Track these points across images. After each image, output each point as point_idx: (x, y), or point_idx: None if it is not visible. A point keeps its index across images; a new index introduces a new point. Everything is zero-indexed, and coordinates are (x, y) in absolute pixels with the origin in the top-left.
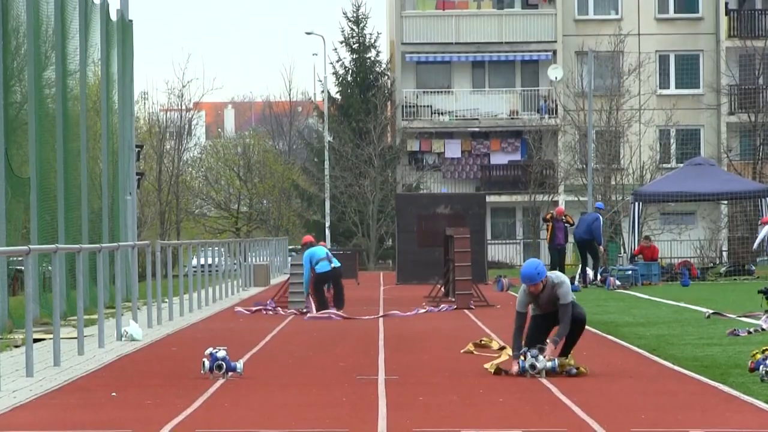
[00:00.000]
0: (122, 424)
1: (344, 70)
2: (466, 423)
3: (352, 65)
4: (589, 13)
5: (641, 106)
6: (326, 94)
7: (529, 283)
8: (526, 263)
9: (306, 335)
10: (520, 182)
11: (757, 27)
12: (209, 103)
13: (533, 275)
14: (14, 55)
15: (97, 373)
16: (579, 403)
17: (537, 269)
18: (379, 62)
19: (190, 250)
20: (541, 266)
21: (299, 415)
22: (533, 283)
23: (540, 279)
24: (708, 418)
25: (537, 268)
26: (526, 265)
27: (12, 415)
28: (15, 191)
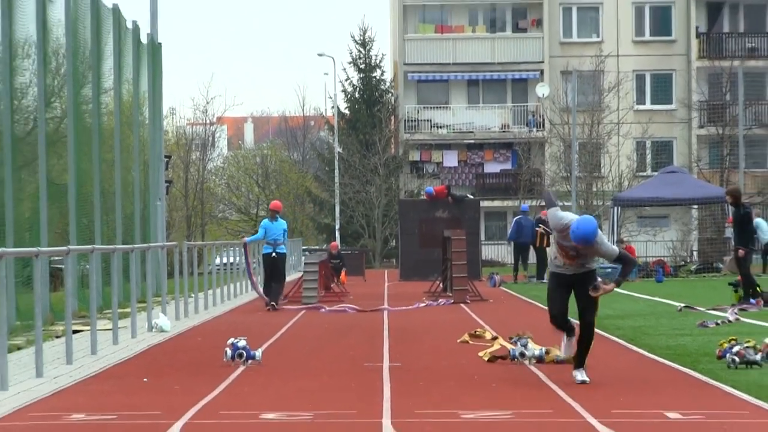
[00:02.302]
0: (152, 408)
1: (352, 88)
2: (463, 405)
3: (359, 83)
4: (573, 36)
5: (620, 120)
6: (336, 110)
7: (584, 244)
8: (584, 220)
9: (318, 327)
10: (511, 189)
11: (724, 49)
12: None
13: (591, 240)
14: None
15: (129, 361)
16: (564, 387)
17: (595, 230)
18: (383, 81)
19: (213, 251)
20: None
21: (312, 398)
22: (588, 245)
23: (592, 242)
24: (680, 401)
25: (595, 231)
26: (585, 224)
27: (54, 399)
28: (52, 197)
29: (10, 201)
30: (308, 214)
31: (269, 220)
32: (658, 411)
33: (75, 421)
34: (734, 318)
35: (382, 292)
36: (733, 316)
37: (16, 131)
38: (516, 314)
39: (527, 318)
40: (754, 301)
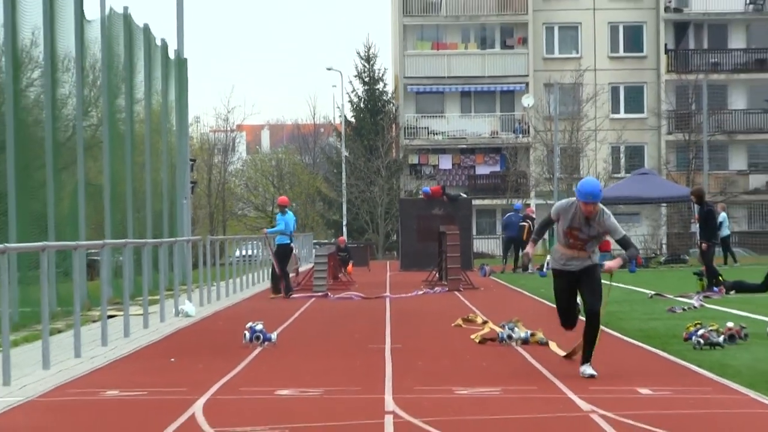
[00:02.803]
0: (179, 385)
1: (357, 99)
2: (457, 382)
3: (364, 95)
4: (554, 53)
5: (597, 127)
6: (343, 118)
7: (591, 200)
8: (587, 181)
9: (327, 313)
10: (500, 189)
11: (690, 63)
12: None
13: (597, 192)
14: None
15: (158, 343)
16: (547, 366)
17: (599, 187)
18: (385, 92)
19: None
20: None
21: (322, 376)
22: (595, 200)
23: (600, 198)
24: (651, 379)
25: (599, 186)
26: (589, 182)
27: (90, 377)
28: (89, 196)
29: (51, 199)
30: (318, 212)
31: (281, 214)
32: (631, 387)
33: (109, 397)
34: (699, 304)
35: (384, 281)
36: (698, 302)
37: (57, 137)
38: (504, 301)
39: (514, 304)
40: (716, 289)
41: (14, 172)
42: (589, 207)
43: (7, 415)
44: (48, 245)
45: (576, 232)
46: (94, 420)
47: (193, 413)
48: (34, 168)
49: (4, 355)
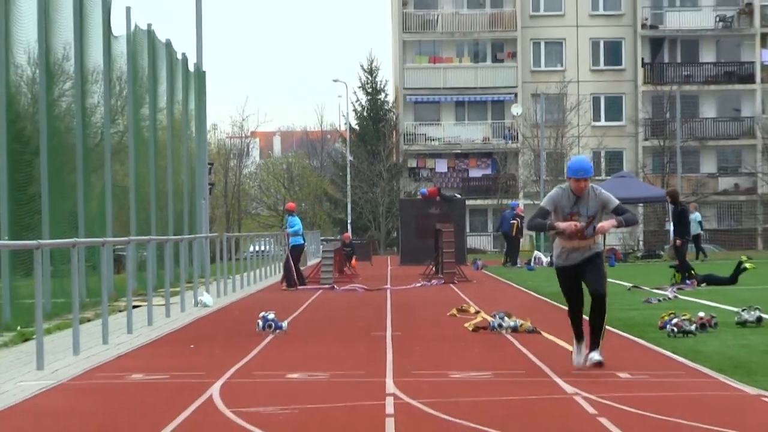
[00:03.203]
0: (198, 369)
1: (361, 108)
2: (451, 366)
3: (367, 104)
4: (541, 66)
5: (579, 134)
6: (348, 126)
7: (582, 175)
8: (576, 158)
9: (333, 303)
10: (491, 190)
11: (664, 76)
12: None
13: (588, 167)
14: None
15: (179, 330)
16: (534, 352)
17: (590, 163)
18: (387, 102)
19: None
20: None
21: (328, 361)
22: (586, 176)
23: (590, 174)
24: (629, 364)
25: (589, 162)
26: (578, 159)
27: (117, 362)
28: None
29: (81, 200)
30: (325, 211)
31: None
32: (612, 372)
33: (134, 380)
34: (673, 296)
35: (385, 274)
36: (672, 294)
37: (86, 143)
38: (494, 292)
39: (503, 295)
40: (689, 282)
41: (47, 174)
42: (581, 183)
43: (41, 396)
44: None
45: (575, 217)
46: (120, 401)
47: (210, 395)
48: (65, 171)
49: (38, 342)
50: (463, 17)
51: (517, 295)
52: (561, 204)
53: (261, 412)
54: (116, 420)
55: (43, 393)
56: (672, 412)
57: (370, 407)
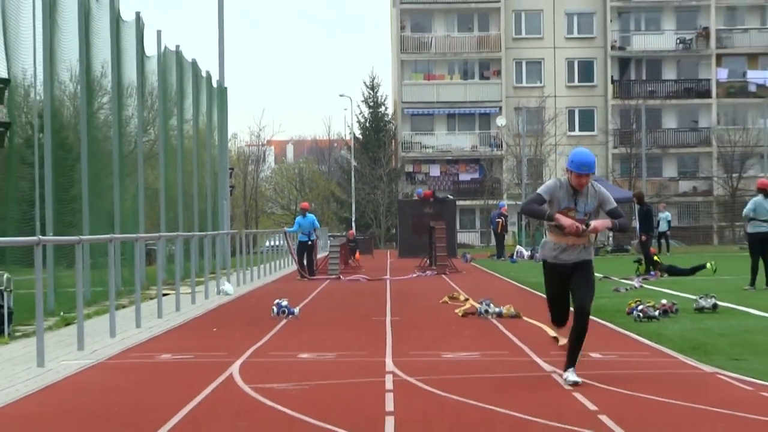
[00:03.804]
0: (220, 349)
1: (364, 119)
2: (444, 348)
3: (369, 116)
4: (522, 82)
5: (556, 142)
6: (352, 135)
7: (585, 171)
8: (580, 150)
9: (339, 291)
10: (478, 192)
11: (631, 91)
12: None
13: (591, 162)
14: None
15: (203, 316)
16: (517, 335)
17: (594, 157)
18: (386, 114)
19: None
20: None
21: (335, 343)
22: (589, 171)
23: (594, 170)
24: (600, 345)
25: (593, 156)
26: (582, 151)
27: (148, 343)
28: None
29: (117, 200)
30: (332, 210)
31: (301, 216)
32: (585, 352)
33: (163, 359)
34: (639, 285)
35: (385, 266)
36: (638, 283)
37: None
38: (481, 282)
39: (489, 285)
40: (653, 273)
41: (87, 178)
42: (582, 179)
43: (82, 374)
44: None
45: (572, 212)
46: (151, 378)
47: (231, 373)
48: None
49: (79, 325)
50: (454, 40)
51: (501, 284)
52: (558, 196)
53: (275, 388)
54: (147, 395)
55: (83, 371)
56: (638, 388)
57: (372, 384)
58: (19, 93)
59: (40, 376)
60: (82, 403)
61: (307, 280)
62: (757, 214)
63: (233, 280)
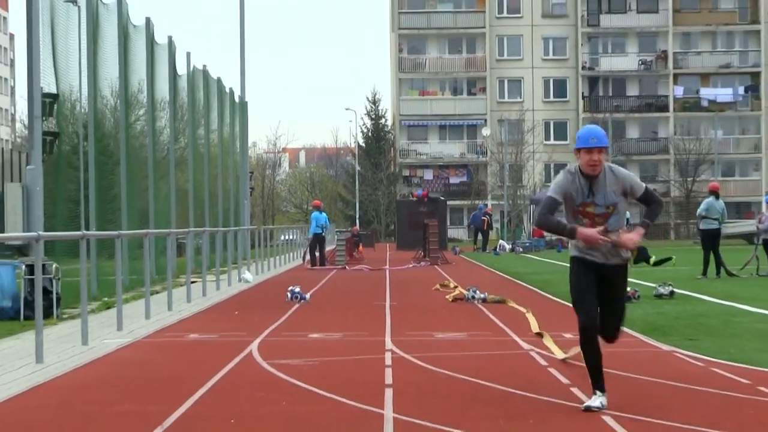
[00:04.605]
0: (241, 330)
1: (366, 130)
2: (435, 328)
3: (371, 127)
4: (505, 98)
5: (534, 150)
6: (357, 144)
7: (595, 144)
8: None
9: (345, 280)
10: (466, 193)
11: (599, 106)
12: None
13: (601, 134)
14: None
15: (227, 300)
16: (499, 317)
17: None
18: (386, 125)
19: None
20: None
21: (341, 324)
22: (600, 144)
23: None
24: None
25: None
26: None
27: (178, 324)
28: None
29: (152, 200)
30: (339, 209)
31: (318, 212)
32: (559, 333)
33: (192, 339)
34: None
35: (385, 257)
36: None
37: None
38: (469, 272)
39: (476, 274)
40: None
41: (126, 180)
42: (594, 155)
43: (121, 351)
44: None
45: (590, 207)
46: (181, 355)
47: (250, 350)
48: (139, 178)
49: (118, 309)
50: (445, 60)
51: (486, 274)
52: (570, 192)
53: (289, 363)
54: (178, 369)
55: (122, 348)
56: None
57: (373, 360)
58: (66, 106)
59: (85, 353)
60: (120, 375)
61: (317, 269)
62: (708, 213)
63: (252, 269)
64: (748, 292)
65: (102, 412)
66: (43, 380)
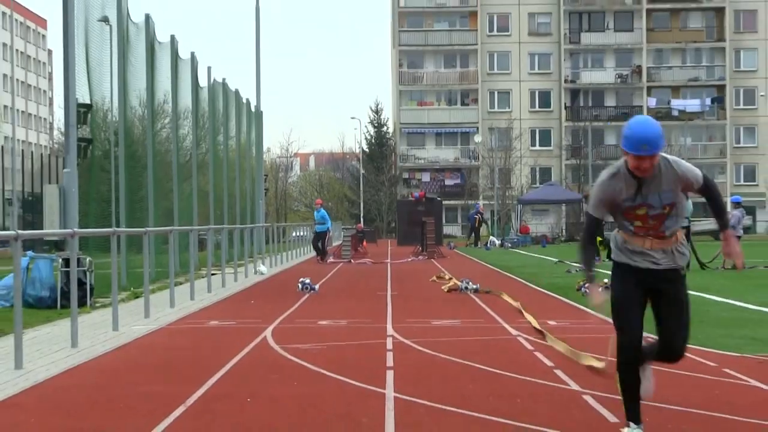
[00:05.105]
0: (256, 317)
1: (370, 137)
2: (433, 316)
3: (374, 134)
4: (495, 108)
5: (521, 155)
6: (361, 149)
7: (647, 151)
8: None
9: (350, 272)
10: (460, 194)
11: (580, 115)
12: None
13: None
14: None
15: (244, 291)
16: (490, 306)
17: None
18: (388, 132)
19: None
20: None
21: (347, 312)
22: (652, 152)
23: (661, 147)
24: (556, 314)
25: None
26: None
27: (200, 312)
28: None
29: (176, 200)
30: (345, 208)
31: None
32: (544, 320)
33: (212, 325)
34: None
35: (386, 252)
36: None
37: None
38: (463, 265)
39: (468, 267)
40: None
41: (152, 182)
42: (645, 162)
43: (148, 337)
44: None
45: (641, 210)
46: (203, 339)
47: (265, 336)
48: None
49: (146, 298)
50: (441, 74)
51: (478, 267)
52: (616, 196)
53: (300, 347)
54: (200, 352)
55: (149, 334)
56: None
57: (376, 344)
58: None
59: (115, 338)
60: (148, 358)
61: (325, 263)
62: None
63: (267, 262)
64: (715, 284)
65: (131, 392)
66: (77, 363)
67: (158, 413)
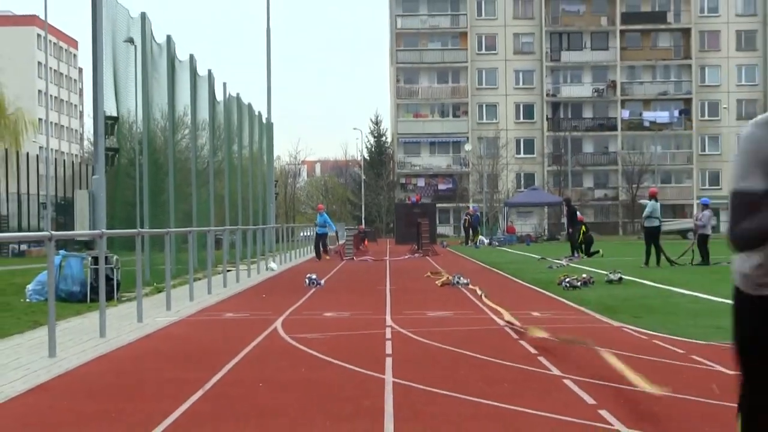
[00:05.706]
0: (267, 309)
1: (370, 146)
2: (427, 307)
3: (374, 143)
4: (483, 119)
5: (508, 162)
6: (362, 157)
7: None
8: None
9: (353, 268)
10: (452, 198)
11: (561, 126)
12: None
13: None
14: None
15: (256, 285)
16: (478, 299)
17: None
18: (387, 142)
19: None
20: None
21: (349, 305)
22: None
23: None
24: (540, 306)
25: None
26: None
27: (216, 306)
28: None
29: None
30: (348, 211)
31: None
32: (528, 312)
33: (227, 317)
34: (566, 263)
35: (385, 250)
36: (566, 262)
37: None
38: (455, 262)
39: (460, 264)
40: (576, 256)
41: (173, 187)
42: None
43: (169, 328)
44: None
45: None
46: (219, 330)
47: (275, 326)
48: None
49: (167, 292)
50: (435, 89)
51: (468, 264)
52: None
53: (308, 337)
54: (216, 342)
55: (170, 325)
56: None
57: (376, 334)
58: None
59: (140, 329)
60: (170, 347)
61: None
62: (653, 213)
63: (277, 260)
64: (683, 278)
65: (154, 378)
66: (105, 351)
67: (179, 397)
